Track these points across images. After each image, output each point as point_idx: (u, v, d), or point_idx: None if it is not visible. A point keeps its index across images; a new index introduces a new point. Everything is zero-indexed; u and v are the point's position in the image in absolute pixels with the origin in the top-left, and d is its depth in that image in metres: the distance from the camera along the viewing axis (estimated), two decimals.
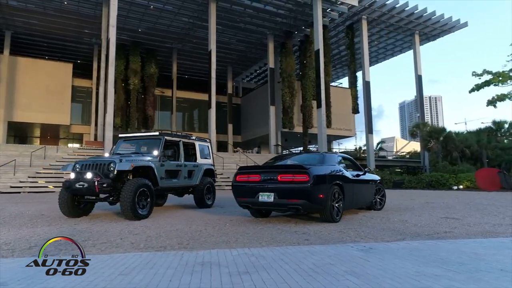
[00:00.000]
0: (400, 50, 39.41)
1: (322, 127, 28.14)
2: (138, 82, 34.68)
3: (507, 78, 18.76)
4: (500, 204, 9.90)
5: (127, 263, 3.32)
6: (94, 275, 2.87)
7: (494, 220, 6.56)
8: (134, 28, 33.04)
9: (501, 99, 19.16)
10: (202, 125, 42.28)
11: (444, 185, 21.43)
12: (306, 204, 5.96)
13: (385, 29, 34.88)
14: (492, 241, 4.46)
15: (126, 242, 4.68)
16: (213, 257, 3.59)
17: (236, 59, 40.49)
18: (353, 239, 4.73)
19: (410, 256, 3.46)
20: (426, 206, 9.70)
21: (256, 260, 3.37)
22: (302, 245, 4.29)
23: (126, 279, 2.75)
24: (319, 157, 7.35)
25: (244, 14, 31.17)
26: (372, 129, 32.96)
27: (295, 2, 29.34)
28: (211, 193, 9.94)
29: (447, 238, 4.74)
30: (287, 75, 34.12)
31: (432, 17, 33.24)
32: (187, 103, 41.11)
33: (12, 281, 2.73)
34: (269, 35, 34.67)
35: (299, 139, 38.55)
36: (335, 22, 34.04)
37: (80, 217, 7.56)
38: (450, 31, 35.53)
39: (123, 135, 9.26)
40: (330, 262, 3.24)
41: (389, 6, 31.43)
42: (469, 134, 30.47)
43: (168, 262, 3.38)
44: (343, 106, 36.38)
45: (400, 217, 7.07)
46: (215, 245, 4.44)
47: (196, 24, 32.48)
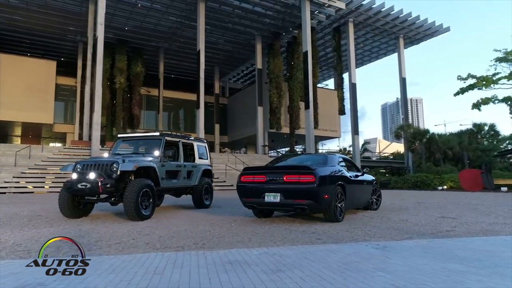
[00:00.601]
0: (384, 53, 40.20)
1: (310, 128, 28.44)
2: (124, 81, 34.22)
3: (490, 82, 19.46)
4: (488, 204, 10.29)
5: (155, 263, 3.36)
6: (129, 274, 2.91)
7: (488, 219, 6.85)
8: (120, 26, 32.59)
9: (485, 102, 19.88)
10: (188, 125, 42.07)
11: (429, 185, 22.02)
12: (312, 204, 6.09)
13: (370, 32, 35.48)
14: (496, 239, 4.68)
15: (140, 243, 4.69)
16: (237, 256, 3.66)
17: (223, 59, 40.44)
18: (363, 238, 4.88)
19: (426, 254, 3.62)
20: (418, 206, 10.00)
21: (281, 259, 3.47)
22: (317, 244, 4.41)
23: (164, 278, 2.80)
24: (322, 158, 7.50)
25: (232, 15, 31.18)
26: (358, 130, 33.51)
27: (283, 3, 29.55)
28: (209, 194, 9.98)
29: (451, 237, 4.94)
30: (275, 76, 34.32)
31: (416, 21, 34.02)
32: (173, 102, 40.82)
33: (49, 281, 2.74)
34: (257, 36, 34.79)
35: (285, 139, 38.82)
36: (322, 25, 34.43)
37: (80, 217, 7.49)
38: (433, 35, 36.46)
39: (122, 135, 9.20)
40: (354, 259, 3.36)
41: (375, 9, 32.01)
42: (451, 136, 31.36)
43: (195, 261, 3.44)
44: (328, 108, 36.86)
45: (399, 217, 7.28)
46: (230, 244, 4.50)
47: (184, 24, 32.30)
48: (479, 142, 30.93)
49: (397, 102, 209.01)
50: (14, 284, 2.70)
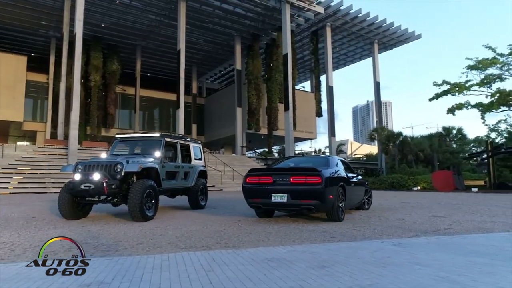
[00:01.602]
0: (359, 57, 41.40)
1: (289, 129, 28.91)
2: (99, 79, 33.43)
3: (463, 89, 20.59)
4: (468, 204, 10.96)
5: (197, 261, 3.47)
6: (183, 272, 3.01)
7: (475, 218, 7.36)
8: (96, 23, 31.76)
9: (459, 107, 21.01)
10: (164, 124, 41.61)
11: (404, 186, 22.97)
12: (319, 205, 6.34)
13: (347, 36, 36.48)
14: (495, 236, 5.10)
15: (162, 243, 4.76)
16: (269, 254, 3.83)
17: (202, 59, 40.26)
18: (373, 236, 5.17)
19: (444, 249, 3.93)
20: (405, 206, 10.51)
21: (314, 256, 3.67)
22: (336, 242, 4.64)
23: (219, 274, 2.92)
24: (324, 160, 7.78)
25: (213, 15, 31.18)
26: (334, 132, 34.36)
27: (264, 6, 29.89)
28: (204, 195, 10.06)
29: (452, 234, 5.32)
30: (254, 77, 34.58)
31: (390, 27, 35.31)
32: (151, 102, 40.21)
33: (115, 280, 2.81)
34: (237, 37, 34.94)
35: (262, 140, 39.18)
36: (301, 28, 35.01)
37: (79, 219, 7.39)
38: (406, 42, 37.96)
39: (120, 135, 9.12)
40: (384, 255, 3.62)
41: (352, 15, 32.95)
42: (422, 139, 32.77)
43: (233, 259, 3.58)
44: (305, 109, 37.55)
45: (394, 216, 7.68)
46: (253, 243, 4.65)
47: (163, 22, 31.98)
48: (447, 145, 32.53)
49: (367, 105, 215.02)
50: (77, 283, 2.75)
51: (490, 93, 20.10)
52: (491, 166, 20.81)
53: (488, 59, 19.88)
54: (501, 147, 21.36)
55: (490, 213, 8.26)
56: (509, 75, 19.55)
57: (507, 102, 19.00)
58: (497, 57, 19.63)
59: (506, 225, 6.18)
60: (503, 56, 19.60)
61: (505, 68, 19.65)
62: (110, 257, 3.82)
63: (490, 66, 19.82)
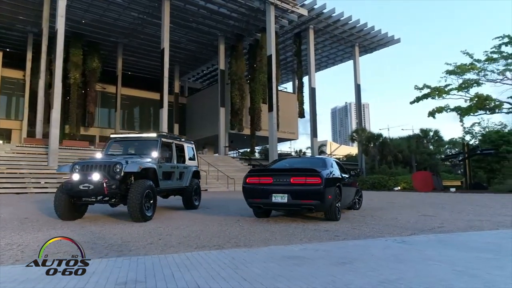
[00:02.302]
0: (341, 60, 42.14)
1: (273, 130, 29.15)
2: (79, 76, 32.65)
3: (443, 93, 21.40)
4: (451, 203, 11.46)
5: (219, 260, 3.57)
6: (213, 270, 3.11)
7: (462, 217, 7.74)
8: (77, 19, 31.00)
9: (439, 111, 21.81)
10: (145, 123, 41.12)
11: (385, 186, 23.61)
12: (318, 204, 6.53)
13: (329, 39, 37.08)
14: (485, 233, 5.42)
15: (173, 243, 4.81)
16: (284, 252, 3.97)
17: (184, 59, 39.99)
18: (374, 234, 5.40)
19: (446, 246, 4.19)
20: (392, 205, 10.88)
21: (329, 254, 3.84)
22: (341, 241, 4.83)
23: (247, 271, 3.04)
24: (321, 161, 7.98)
25: (197, 14, 31.04)
26: (316, 133, 34.88)
27: (248, 7, 30.03)
28: (198, 195, 10.10)
29: (447, 232, 5.61)
30: (238, 78, 34.69)
31: (371, 31, 36.12)
32: (132, 100, 39.66)
33: (149, 279, 2.88)
34: (221, 37, 34.91)
35: (245, 140, 39.34)
36: (284, 30, 35.34)
37: (75, 219, 7.32)
38: (385, 45, 38.92)
39: (114, 135, 9.05)
40: (395, 252, 3.83)
41: (334, 18, 33.53)
42: (401, 140, 33.75)
43: (253, 257, 3.70)
44: (287, 110, 37.97)
45: (387, 216, 7.98)
46: (262, 242, 4.77)
47: (146, 20, 31.59)
48: (425, 146, 33.61)
49: (346, 106, 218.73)
50: (113, 282, 2.80)
51: (469, 97, 21.02)
52: (468, 167, 21.71)
53: (466, 65, 20.78)
54: (477, 149, 22.31)
55: (474, 212, 8.69)
56: (486, 80, 20.51)
57: (484, 106, 19.91)
58: (475, 63, 20.53)
59: (493, 224, 6.54)
60: (479, 62, 20.53)
61: (482, 73, 20.62)
62: (128, 257, 3.86)
63: (468, 71, 20.71)
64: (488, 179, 23.12)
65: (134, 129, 39.77)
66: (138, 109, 41.28)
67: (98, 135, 36.93)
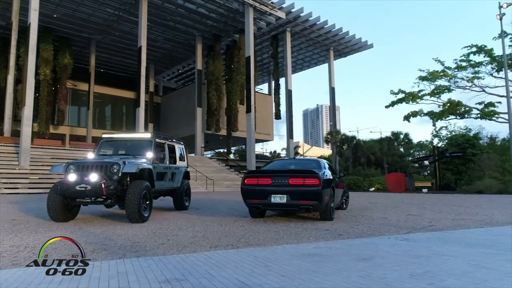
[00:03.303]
0: (316, 63, 42.97)
1: (251, 131, 29.38)
2: (49, 72, 31.40)
3: (416, 98, 22.41)
4: (429, 203, 12.05)
5: (242, 259, 3.69)
6: (244, 268, 3.23)
7: (445, 216, 8.21)
8: (48, 13, 29.78)
9: (414, 115, 22.81)
10: (119, 123, 40.20)
11: (360, 187, 24.37)
12: (316, 205, 6.77)
13: (305, 42, 37.72)
14: (475, 231, 5.82)
15: (184, 243, 4.87)
16: (301, 250, 4.14)
17: (160, 57, 39.41)
18: (374, 233, 5.67)
19: (448, 243, 4.50)
20: (375, 205, 11.32)
21: (345, 251, 4.05)
22: (346, 239, 5.06)
23: (276, 268, 3.18)
24: (315, 162, 8.22)
25: (175, 13, 30.74)
26: (292, 135, 35.40)
27: (227, 7, 30.10)
28: (188, 196, 10.11)
29: (439, 230, 5.98)
30: (215, 78, 34.65)
31: (345, 36, 37.08)
32: (105, 99, 38.63)
33: (190, 277, 2.96)
34: (198, 37, 34.75)
35: (220, 141, 39.30)
36: (261, 31, 35.62)
37: (68, 221, 7.17)
38: (359, 50, 40.09)
39: (106, 135, 8.90)
40: (405, 249, 4.10)
41: (311, 22, 34.18)
42: (373, 143, 34.90)
43: (274, 255, 3.85)
44: (263, 112, 38.27)
45: (376, 215, 8.34)
46: (272, 242, 4.91)
47: (122, 17, 30.92)
48: (395, 149, 34.93)
49: (317, 108, 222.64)
50: (159, 278, 2.87)
51: (441, 103, 22.15)
52: (437, 169, 22.81)
53: (438, 72, 21.88)
54: (446, 152, 23.50)
55: (453, 212, 9.23)
56: (456, 87, 21.70)
57: (455, 111, 21.04)
58: (446, 70, 21.66)
59: (476, 222, 7.01)
60: (450, 70, 21.68)
61: (452, 80, 21.79)
62: (149, 257, 3.90)
63: (440, 78, 21.82)
64: (455, 180, 24.38)
65: (112, 129, 38.86)
66: (111, 107, 40.28)
67: (68, 133, 35.73)
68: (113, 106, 40.21)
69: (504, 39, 16.49)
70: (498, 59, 20.55)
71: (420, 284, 2.63)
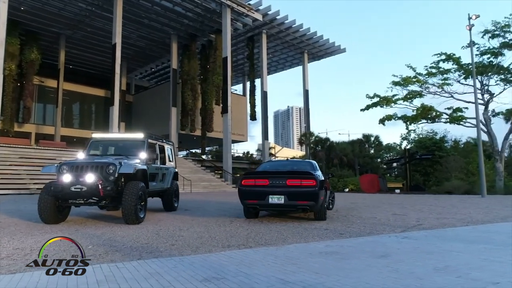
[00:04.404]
0: (290, 65, 43.54)
1: (228, 131, 29.38)
2: (14, 67, 29.94)
3: (390, 102, 23.33)
4: (407, 203, 12.62)
5: (264, 257, 3.79)
6: (272, 265, 3.33)
7: (427, 215, 8.66)
8: (14, 5, 28.34)
9: (389, 118, 23.72)
10: (88, 121, 38.97)
11: (335, 188, 24.95)
12: (313, 205, 6.96)
13: (280, 44, 38.13)
14: (464, 229, 6.23)
15: (195, 243, 4.89)
16: (315, 249, 4.30)
17: (133, 55, 38.55)
18: (373, 231, 5.93)
19: (447, 240, 4.81)
20: (358, 206, 11.71)
21: (359, 248, 4.25)
22: (352, 238, 5.28)
23: (308, 265, 3.31)
24: (309, 164, 8.43)
25: (150, 11, 30.22)
26: (268, 136, 35.71)
27: (204, 7, 29.96)
28: (177, 197, 10.04)
29: (428, 229, 6.34)
30: (190, 78, 34.38)
31: (319, 40, 37.83)
32: (76, 96, 37.30)
33: (228, 275, 3.02)
34: (173, 36, 34.33)
35: (194, 141, 39.01)
36: (237, 32, 35.70)
37: (59, 223, 6.97)
38: (332, 54, 41.04)
39: (96, 135, 8.67)
40: (414, 246, 4.35)
41: (286, 24, 34.62)
42: (346, 144, 35.83)
43: (294, 253, 3.97)
44: (238, 112, 38.37)
45: (364, 215, 8.67)
46: (281, 241, 5.04)
47: (94, 13, 30.00)
48: (367, 151, 36.07)
49: (288, 110, 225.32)
50: (194, 279, 2.91)
51: (413, 107, 23.23)
52: (408, 170, 23.84)
53: (410, 77, 22.91)
54: (416, 154, 24.62)
55: (433, 211, 9.75)
56: (427, 92, 22.82)
57: (427, 115, 22.12)
58: (418, 76, 22.73)
59: (459, 221, 7.47)
60: (421, 76, 22.77)
61: (424, 86, 22.88)
62: (169, 258, 3.92)
63: (412, 83, 22.85)
64: (423, 181, 25.57)
65: (82, 128, 37.65)
66: (81, 105, 38.93)
67: (34, 132, 34.20)
68: (83, 104, 38.91)
69: (473, 48, 17.52)
70: (465, 67, 21.80)
71: (449, 276, 2.85)
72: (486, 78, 21.57)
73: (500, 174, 20.55)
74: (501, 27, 20.44)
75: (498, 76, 21.60)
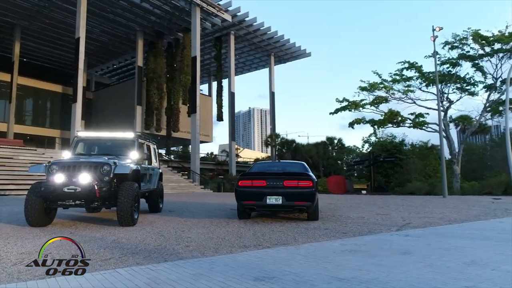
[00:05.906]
0: (256, 67, 43.83)
1: (196, 132, 29.04)
2: None
3: (358, 106, 24.26)
4: (381, 203, 13.20)
5: (287, 257, 3.87)
6: (309, 263, 3.42)
7: (408, 214, 9.14)
8: None
9: (358, 122, 24.62)
10: (43, 118, 36.83)
11: None
12: (309, 205, 7.13)
13: (248, 46, 38.30)
14: (454, 227, 6.67)
15: (210, 245, 4.85)
16: (332, 247, 4.44)
17: (95, 50, 36.91)
18: (371, 230, 6.19)
19: (451, 237, 5.14)
20: (338, 207, 12.06)
21: (375, 246, 4.44)
22: (360, 237, 5.47)
23: (337, 263, 3.43)
24: (301, 165, 8.59)
25: (116, 5, 29.18)
26: (234, 137, 35.73)
27: (173, 5, 29.44)
28: (162, 198, 9.82)
29: (419, 227, 6.71)
30: (156, 76, 33.61)
31: (286, 43, 38.45)
32: (31, 92, 35.06)
33: (267, 275, 3.06)
34: (139, 32, 33.41)
35: (158, 142, 37.96)
36: (205, 32, 35.39)
37: (46, 225, 6.60)
38: (297, 58, 41.87)
39: (81, 133, 8.28)
40: (424, 243, 4.62)
41: (255, 27, 34.87)
42: (311, 146, 36.70)
43: (316, 252, 4.08)
44: (203, 113, 37.93)
45: (352, 215, 8.98)
46: (292, 240, 5.13)
47: (55, 4, 28.40)
48: (330, 153, 37.17)
49: (249, 111, 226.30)
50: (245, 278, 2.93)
51: (381, 112, 24.32)
52: (372, 172, 24.89)
53: (377, 83, 24.00)
54: (380, 157, 25.78)
55: (410, 210, 10.29)
56: (392, 98, 24.05)
57: (394, 120, 23.29)
58: (384, 82, 23.88)
59: (441, 220, 7.96)
60: (387, 82, 23.94)
61: (390, 92, 24.06)
62: (198, 259, 3.88)
63: (379, 89, 23.96)
64: (385, 182, 26.82)
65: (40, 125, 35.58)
66: (37, 101, 36.66)
67: None
68: (39, 100, 36.67)
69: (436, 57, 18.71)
70: (426, 75, 23.26)
71: (484, 270, 3.09)
72: (445, 86, 23.18)
73: (457, 176, 22.07)
74: (460, 40, 22.06)
75: (455, 85, 23.29)
